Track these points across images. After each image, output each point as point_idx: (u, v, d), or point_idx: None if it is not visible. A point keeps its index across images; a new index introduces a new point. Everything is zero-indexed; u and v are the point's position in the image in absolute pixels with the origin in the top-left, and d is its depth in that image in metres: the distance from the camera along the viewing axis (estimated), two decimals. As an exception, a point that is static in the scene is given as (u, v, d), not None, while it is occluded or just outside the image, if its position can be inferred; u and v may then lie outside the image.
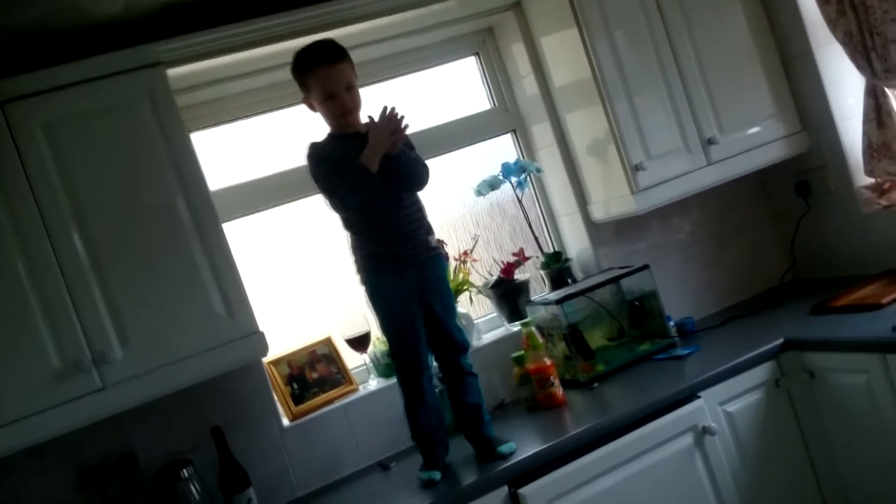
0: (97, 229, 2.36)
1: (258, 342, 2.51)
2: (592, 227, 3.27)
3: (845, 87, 3.13)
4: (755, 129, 3.14)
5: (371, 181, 2.38)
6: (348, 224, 2.55)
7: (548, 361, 2.79)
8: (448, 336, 2.57)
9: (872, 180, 3.06)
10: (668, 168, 3.01)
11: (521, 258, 3.14)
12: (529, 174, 3.23)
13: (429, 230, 2.59)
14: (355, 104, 2.49)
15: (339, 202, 2.43)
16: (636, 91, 2.99)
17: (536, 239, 3.27)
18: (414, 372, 2.51)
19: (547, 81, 3.24)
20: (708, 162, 3.06)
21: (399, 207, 2.49)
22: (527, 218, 3.28)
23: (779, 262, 3.50)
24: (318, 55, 2.44)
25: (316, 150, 2.51)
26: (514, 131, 3.42)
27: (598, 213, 3.23)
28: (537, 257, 3.25)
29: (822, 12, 2.99)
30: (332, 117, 2.50)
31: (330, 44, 2.48)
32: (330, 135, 2.54)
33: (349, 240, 2.59)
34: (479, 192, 3.16)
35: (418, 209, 2.56)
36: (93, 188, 2.37)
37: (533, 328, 2.82)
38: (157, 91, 2.44)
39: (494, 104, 3.42)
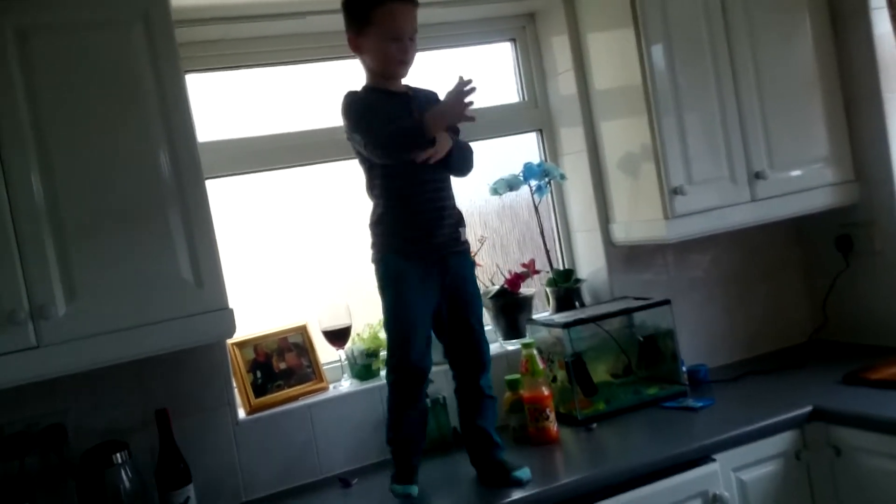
0: (60, 163, 2.01)
1: (226, 320, 2.17)
2: (611, 248, 2.96)
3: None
4: (805, 171, 2.85)
5: (422, 140, 2.09)
6: (376, 191, 2.25)
7: (546, 391, 2.48)
8: (475, 349, 2.28)
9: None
10: (709, 197, 2.71)
11: (530, 270, 2.82)
12: (552, 179, 2.91)
13: (460, 221, 2.31)
14: (413, 56, 2.22)
15: (375, 142, 2.12)
16: (687, 107, 2.68)
17: (547, 252, 2.96)
18: (414, 374, 2.20)
19: (587, 82, 2.93)
20: (752, 198, 2.77)
21: (436, 189, 2.23)
22: (541, 227, 2.96)
23: (805, 319, 3.21)
24: None
25: (355, 96, 2.23)
26: (540, 131, 3.10)
27: (620, 234, 2.92)
28: (547, 272, 2.94)
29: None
30: (385, 63, 2.20)
31: None
32: (367, 87, 2.26)
33: (372, 210, 2.27)
34: (496, 191, 2.84)
35: (452, 197, 2.30)
36: (62, 114, 2.01)
37: (535, 351, 2.50)
38: (153, 12, 2.09)
39: (524, 98, 3.10)
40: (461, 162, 2.25)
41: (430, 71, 2.88)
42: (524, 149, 3.10)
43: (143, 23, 2.08)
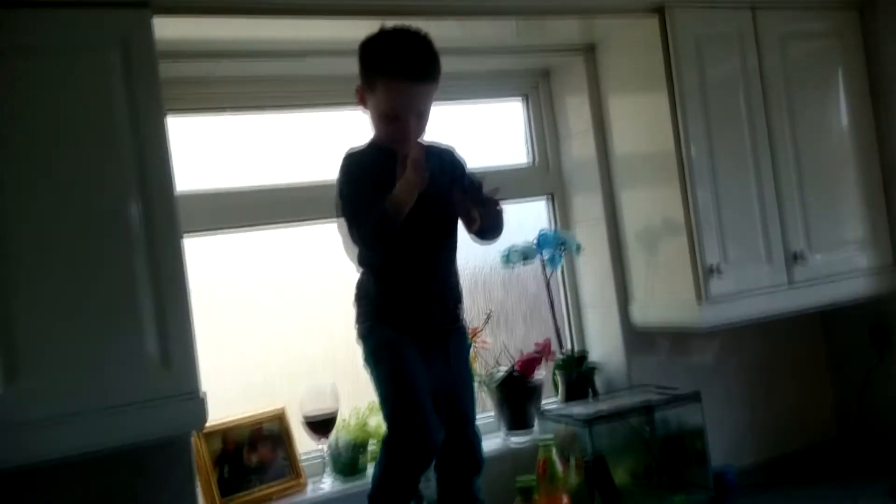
0: (11, 209, 1.65)
1: (196, 408, 1.79)
2: (629, 331, 2.65)
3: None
4: (844, 254, 2.59)
5: (394, 226, 1.76)
6: (367, 259, 1.92)
7: (566, 501, 2.13)
8: (466, 444, 1.92)
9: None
10: (746, 279, 2.43)
11: (545, 353, 2.49)
12: (568, 250, 2.60)
13: (459, 297, 1.98)
14: (418, 134, 1.86)
15: (354, 235, 1.83)
16: (722, 179, 2.41)
17: (558, 331, 2.64)
18: (426, 449, 1.81)
19: (606, 145, 2.65)
20: (789, 282, 2.49)
21: (436, 262, 1.92)
22: (551, 302, 2.64)
23: (834, 417, 2.93)
24: (405, 63, 1.81)
25: (353, 159, 1.90)
26: (551, 196, 2.81)
27: (641, 316, 2.61)
28: (561, 354, 2.61)
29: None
30: (381, 137, 1.89)
31: (426, 52, 1.83)
32: (370, 144, 1.92)
33: (359, 281, 1.95)
34: (508, 261, 2.52)
35: (456, 272, 1.97)
36: (18, 149, 1.66)
37: (554, 452, 2.16)
38: (134, 39, 1.75)
39: (534, 161, 2.81)
40: (489, 225, 1.90)
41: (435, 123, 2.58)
42: (531, 215, 2.80)
43: (122, 48, 1.74)
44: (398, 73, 1.79)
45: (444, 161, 1.94)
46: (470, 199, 1.82)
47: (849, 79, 2.65)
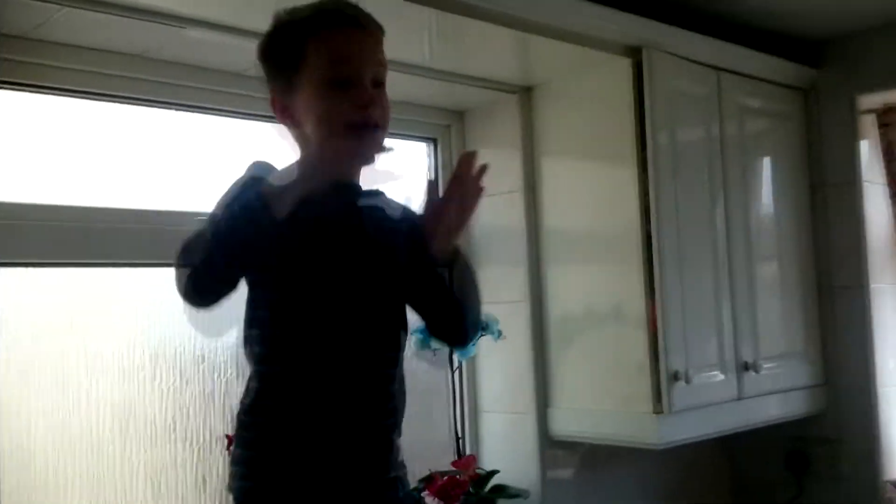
0: None
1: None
2: (546, 442, 2.11)
3: (891, 342, 2.39)
4: (784, 368, 2.26)
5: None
6: (260, 357, 1.20)
7: None
8: None
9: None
10: (706, 389, 2.00)
11: (469, 472, 1.87)
12: (489, 335, 2.03)
13: (400, 431, 1.27)
14: (383, 112, 1.21)
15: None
16: (689, 265, 2.00)
17: (458, 440, 2.04)
18: None
19: (537, 212, 2.16)
20: (739, 395, 2.10)
21: (368, 376, 1.22)
22: (454, 403, 2.05)
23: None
24: (336, 10, 1.23)
25: (255, 172, 1.21)
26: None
27: (564, 424, 2.09)
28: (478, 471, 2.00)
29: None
30: (329, 122, 1.19)
31: (360, 8, 1.25)
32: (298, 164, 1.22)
33: (245, 389, 1.23)
34: (424, 345, 1.87)
35: (400, 392, 1.27)
36: None
37: None
38: None
39: (438, 219, 2.25)
40: (464, 288, 1.25)
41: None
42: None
43: None
44: (332, 21, 1.22)
45: (378, 207, 1.29)
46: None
47: (793, 169, 2.39)
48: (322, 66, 1.19)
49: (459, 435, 2.07)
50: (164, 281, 1.68)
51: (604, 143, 2.01)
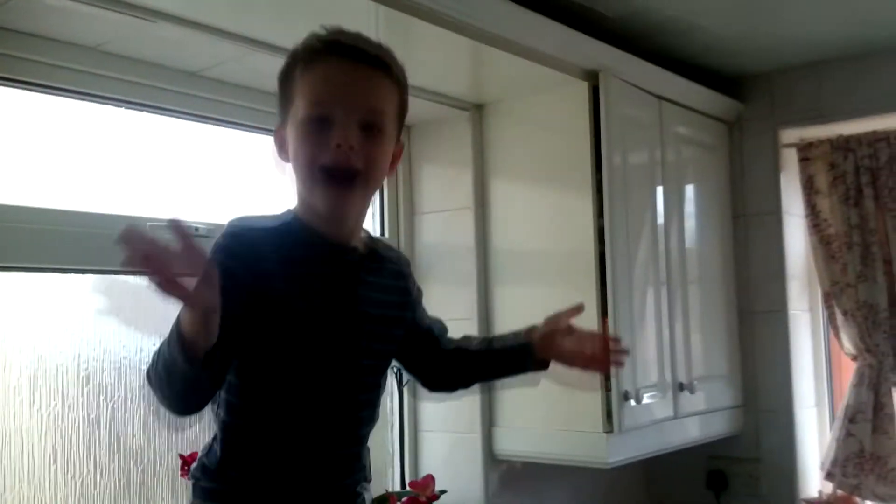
0: None
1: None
2: (491, 462, 2.10)
3: (807, 366, 2.50)
4: (712, 390, 2.33)
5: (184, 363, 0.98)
6: (226, 401, 1.14)
7: None
8: None
9: (827, 494, 2.37)
10: (652, 408, 2.04)
11: (427, 492, 1.82)
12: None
13: (367, 465, 1.26)
14: (369, 161, 1.12)
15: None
16: (637, 287, 2.04)
17: (403, 459, 2.00)
18: None
19: (486, 231, 2.15)
20: (675, 415, 2.15)
21: (348, 421, 1.19)
22: (401, 421, 2.01)
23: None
24: (339, 39, 1.13)
25: (234, 234, 1.11)
26: (395, 284, 2.20)
27: (510, 444, 2.09)
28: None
29: (825, 271, 2.39)
30: (300, 166, 1.13)
31: (375, 43, 1.16)
32: (290, 214, 1.18)
33: (218, 424, 1.16)
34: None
35: (370, 422, 1.24)
36: None
37: None
38: None
39: (383, 235, 2.21)
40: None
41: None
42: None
43: None
44: (327, 49, 1.12)
45: (388, 262, 1.26)
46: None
47: (719, 198, 2.48)
48: (304, 101, 1.11)
49: (400, 454, 2.03)
50: (44, 287, 1.56)
51: (557, 164, 2.03)
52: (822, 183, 2.42)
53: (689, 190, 2.33)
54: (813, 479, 2.44)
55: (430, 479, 1.85)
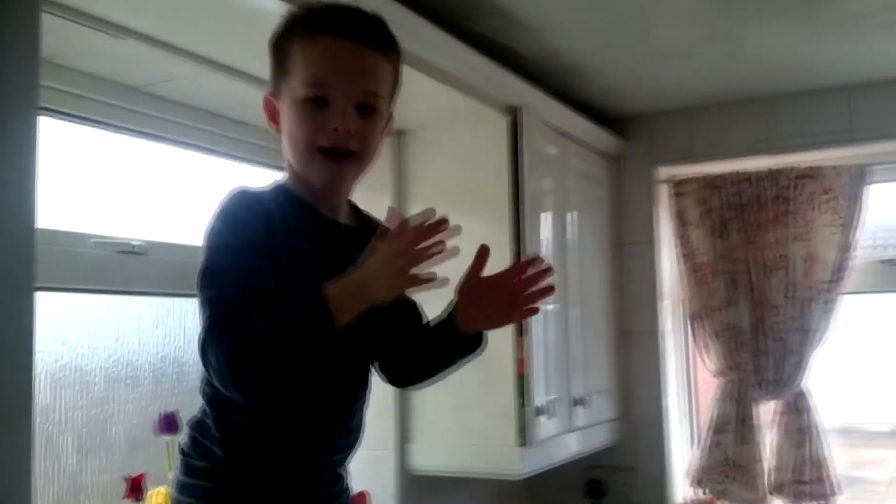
0: None
1: None
2: (406, 477, 2.17)
3: (674, 381, 2.75)
4: (596, 404, 2.51)
5: (322, 341, 1.05)
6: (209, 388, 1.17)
7: None
8: None
9: (692, 498, 2.62)
10: (555, 422, 2.19)
11: (362, 508, 1.87)
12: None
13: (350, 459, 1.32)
14: (363, 143, 1.17)
15: (213, 352, 1.05)
16: (551, 302, 2.20)
17: (322, 477, 2.03)
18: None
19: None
20: (570, 428, 2.32)
21: (341, 414, 1.23)
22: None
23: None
24: (338, 14, 1.16)
25: (244, 199, 1.14)
26: (310, 303, 2.24)
27: (424, 460, 2.17)
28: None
29: (695, 296, 2.65)
30: (294, 144, 1.17)
31: (373, 19, 1.19)
32: (277, 188, 1.21)
33: (202, 419, 1.19)
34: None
35: (360, 423, 1.28)
36: None
37: None
38: None
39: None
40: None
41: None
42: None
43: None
44: (326, 24, 1.14)
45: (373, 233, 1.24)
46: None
47: (605, 227, 2.69)
48: (302, 78, 1.13)
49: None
50: None
51: (477, 193, 2.13)
52: (692, 216, 2.68)
53: (583, 219, 2.50)
54: (682, 485, 2.68)
55: (363, 495, 1.90)
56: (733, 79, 2.45)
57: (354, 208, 1.30)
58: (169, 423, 1.62)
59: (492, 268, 2.04)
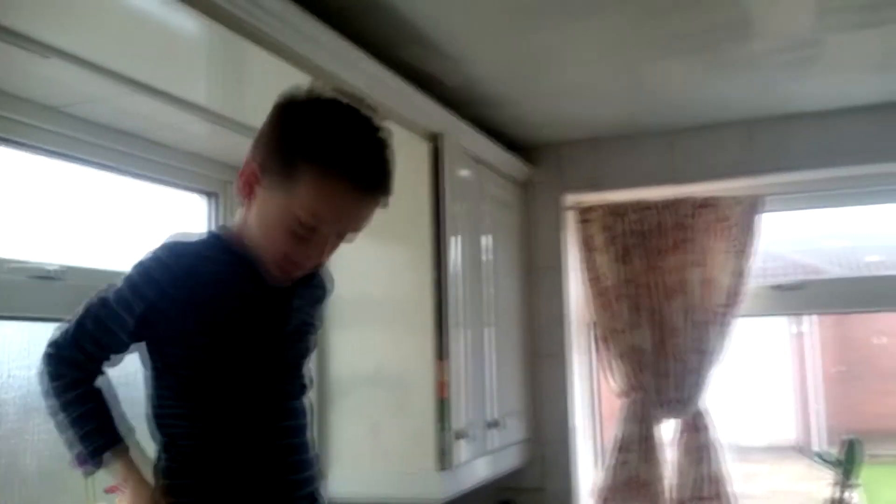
0: None
1: None
2: (323, 505, 2.15)
3: (580, 402, 2.83)
4: (508, 425, 2.56)
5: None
6: (175, 411, 1.23)
7: None
8: None
9: (599, 516, 2.70)
10: (473, 445, 2.22)
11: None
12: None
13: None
14: (329, 255, 1.26)
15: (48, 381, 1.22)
16: (470, 331, 2.22)
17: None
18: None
19: (322, 275, 2.22)
20: (487, 449, 2.35)
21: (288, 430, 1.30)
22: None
23: None
24: (364, 162, 1.19)
25: (175, 252, 1.21)
26: (224, 328, 2.20)
27: (342, 487, 2.14)
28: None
29: (601, 318, 2.73)
30: (268, 250, 1.22)
31: (386, 155, 1.23)
32: (220, 243, 1.25)
33: (167, 466, 1.24)
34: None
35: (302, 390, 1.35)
36: None
37: None
38: None
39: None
40: None
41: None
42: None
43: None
44: (348, 170, 1.17)
45: (316, 287, 1.36)
46: None
47: (516, 251, 2.75)
48: (305, 205, 1.16)
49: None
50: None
51: (397, 216, 2.12)
52: (598, 242, 2.77)
53: (496, 243, 2.55)
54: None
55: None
56: (637, 112, 2.56)
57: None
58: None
59: (411, 290, 2.08)
